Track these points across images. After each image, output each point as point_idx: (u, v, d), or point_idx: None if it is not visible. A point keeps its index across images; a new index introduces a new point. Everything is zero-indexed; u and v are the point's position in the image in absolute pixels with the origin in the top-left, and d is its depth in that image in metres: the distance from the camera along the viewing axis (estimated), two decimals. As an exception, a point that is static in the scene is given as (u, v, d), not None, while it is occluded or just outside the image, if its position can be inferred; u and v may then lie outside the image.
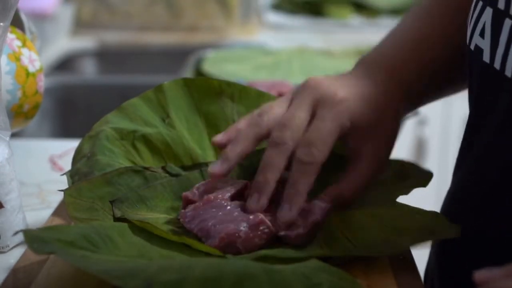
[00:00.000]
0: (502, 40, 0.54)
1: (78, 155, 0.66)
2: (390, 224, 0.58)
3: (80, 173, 0.64)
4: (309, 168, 0.58)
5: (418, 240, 0.56)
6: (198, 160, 0.68)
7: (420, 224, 0.57)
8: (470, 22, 0.60)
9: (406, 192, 0.63)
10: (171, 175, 0.65)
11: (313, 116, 0.60)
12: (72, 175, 0.64)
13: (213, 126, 0.70)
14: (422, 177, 0.65)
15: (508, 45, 0.53)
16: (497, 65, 0.54)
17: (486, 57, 0.56)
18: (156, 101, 0.70)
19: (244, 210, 0.59)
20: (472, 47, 0.59)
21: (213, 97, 0.70)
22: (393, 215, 0.59)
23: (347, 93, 0.61)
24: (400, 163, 0.68)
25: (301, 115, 0.60)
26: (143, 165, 0.66)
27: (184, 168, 0.67)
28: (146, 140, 0.67)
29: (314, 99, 0.60)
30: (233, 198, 0.61)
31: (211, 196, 0.60)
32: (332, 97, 0.60)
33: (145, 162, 0.67)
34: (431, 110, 1.81)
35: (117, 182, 0.62)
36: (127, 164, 0.66)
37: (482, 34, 0.57)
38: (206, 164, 0.67)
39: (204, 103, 0.70)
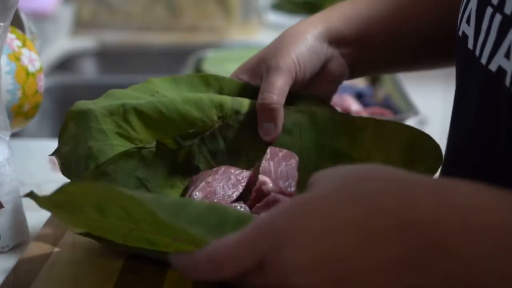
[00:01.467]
0: (483, 28, 0.54)
1: (64, 134, 0.63)
2: None
3: (74, 157, 0.61)
4: None
5: None
6: (196, 123, 0.64)
7: None
8: (461, 8, 0.61)
9: None
10: (168, 150, 0.62)
11: None
12: (64, 157, 0.61)
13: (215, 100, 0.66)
14: (430, 158, 0.62)
15: (487, 33, 0.54)
16: (477, 52, 0.55)
17: (470, 44, 0.57)
18: (144, 88, 0.67)
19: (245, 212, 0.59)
20: (460, 33, 0.60)
21: (201, 88, 0.68)
22: None
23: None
24: (411, 133, 0.64)
25: None
26: (137, 139, 0.62)
27: (183, 137, 0.63)
28: (137, 111, 0.63)
29: None
30: (235, 201, 0.60)
31: (207, 201, 0.59)
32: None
33: (139, 135, 0.63)
34: (431, 110, 1.80)
35: (113, 171, 0.59)
36: (120, 142, 0.62)
37: (468, 21, 0.58)
38: (204, 132, 0.64)
39: (193, 92, 0.68)
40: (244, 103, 0.66)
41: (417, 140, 0.63)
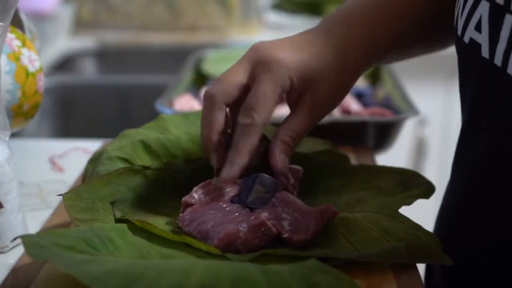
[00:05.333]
0: (503, 36, 0.53)
1: (84, 177, 0.68)
2: (390, 233, 0.58)
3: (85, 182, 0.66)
4: (249, 130, 0.60)
5: (414, 258, 0.56)
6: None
7: (419, 243, 0.57)
8: (462, 14, 0.60)
9: (409, 203, 0.63)
10: (174, 171, 0.65)
11: (252, 80, 0.61)
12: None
13: None
14: (424, 187, 0.65)
15: (510, 42, 0.53)
16: (497, 61, 0.54)
17: (485, 53, 0.56)
18: (155, 125, 0.74)
19: (245, 211, 0.59)
20: (466, 40, 0.59)
21: None
22: (394, 226, 0.59)
23: (289, 53, 0.62)
24: (403, 173, 0.68)
25: (236, 72, 0.61)
26: (142, 165, 0.66)
27: (187, 162, 0.67)
28: (144, 144, 0.69)
29: (253, 62, 0.62)
30: (233, 199, 0.61)
31: (208, 198, 0.60)
32: (270, 59, 0.61)
33: (143, 163, 0.68)
34: (431, 110, 1.80)
35: (116, 183, 0.63)
36: (125, 165, 0.66)
37: (478, 28, 0.57)
38: (208, 160, 0.67)
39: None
40: None
41: (409, 178, 0.67)
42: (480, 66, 0.57)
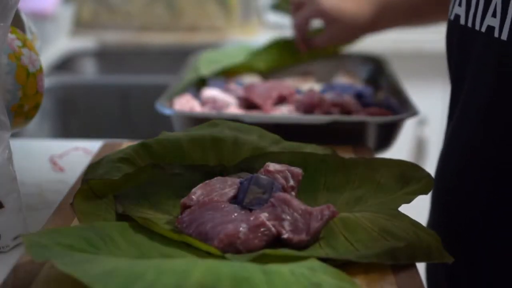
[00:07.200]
0: (473, 3, 0.67)
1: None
2: (390, 232, 0.58)
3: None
4: None
5: (414, 258, 0.57)
6: (197, 160, 0.69)
7: (419, 242, 0.57)
8: None
9: (408, 200, 0.63)
10: (174, 174, 0.66)
11: None
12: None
13: (217, 139, 0.72)
14: (423, 182, 0.65)
15: (476, 6, 0.66)
16: (469, 23, 0.68)
17: (462, 21, 0.69)
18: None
19: (244, 211, 0.59)
20: (452, 17, 0.71)
21: (212, 126, 0.74)
22: (395, 225, 0.59)
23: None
24: (401, 165, 0.68)
25: None
26: (141, 165, 0.66)
27: (187, 168, 0.67)
28: (145, 145, 0.70)
29: None
30: (231, 200, 0.61)
31: (206, 199, 0.60)
32: None
33: (143, 163, 0.68)
34: (431, 110, 1.80)
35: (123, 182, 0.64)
36: (125, 165, 0.67)
37: (460, 4, 0.70)
38: (208, 166, 0.67)
39: (204, 128, 0.74)
40: (244, 149, 0.71)
41: (408, 171, 0.67)
42: (460, 33, 0.70)
